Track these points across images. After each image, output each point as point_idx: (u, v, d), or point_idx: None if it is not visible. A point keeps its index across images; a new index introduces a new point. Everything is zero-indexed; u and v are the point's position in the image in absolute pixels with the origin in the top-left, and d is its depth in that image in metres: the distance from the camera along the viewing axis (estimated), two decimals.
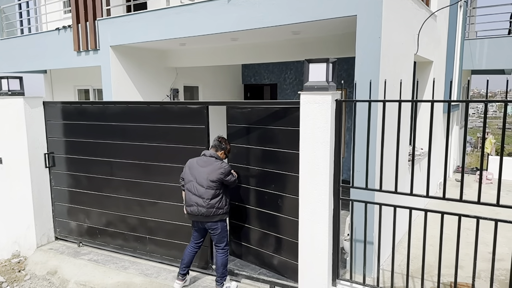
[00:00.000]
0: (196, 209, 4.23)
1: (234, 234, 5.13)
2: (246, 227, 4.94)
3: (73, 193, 5.90)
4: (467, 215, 3.15)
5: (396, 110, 3.34)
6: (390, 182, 3.96)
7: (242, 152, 4.80)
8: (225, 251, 4.41)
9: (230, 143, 4.62)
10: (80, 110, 5.65)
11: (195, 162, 4.35)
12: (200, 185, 4.22)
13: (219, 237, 4.35)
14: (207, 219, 4.25)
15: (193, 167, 4.32)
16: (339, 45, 6.32)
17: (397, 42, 4.93)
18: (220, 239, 4.37)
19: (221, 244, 4.38)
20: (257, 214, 4.76)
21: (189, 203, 4.29)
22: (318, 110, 3.57)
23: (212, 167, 4.23)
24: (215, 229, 4.31)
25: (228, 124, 4.91)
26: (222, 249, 4.39)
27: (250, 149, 4.73)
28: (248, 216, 4.87)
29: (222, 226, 4.34)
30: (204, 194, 4.19)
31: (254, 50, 7.39)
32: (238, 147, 4.81)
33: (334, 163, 3.69)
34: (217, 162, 4.29)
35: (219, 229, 4.32)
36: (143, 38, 6.68)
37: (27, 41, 8.66)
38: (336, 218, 3.76)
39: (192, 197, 4.26)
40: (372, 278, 4.43)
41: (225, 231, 4.40)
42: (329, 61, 3.41)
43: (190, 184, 4.30)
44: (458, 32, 8.69)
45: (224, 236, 4.39)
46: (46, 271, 5.43)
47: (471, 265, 3.32)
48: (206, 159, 4.31)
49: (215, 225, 4.29)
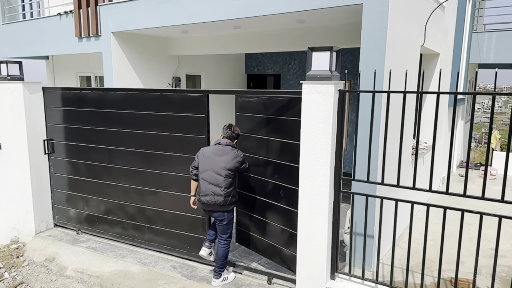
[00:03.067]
0: (213, 198, 4.21)
1: (239, 222, 5.13)
2: (250, 215, 4.93)
3: (72, 180, 5.87)
4: (470, 211, 3.08)
5: (401, 102, 3.24)
6: (392, 175, 3.89)
7: (248, 141, 4.79)
8: (227, 242, 4.41)
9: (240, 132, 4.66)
10: (80, 97, 5.58)
11: (210, 151, 4.30)
12: (218, 174, 4.19)
13: (224, 228, 4.35)
14: (222, 208, 4.24)
15: (209, 156, 4.27)
16: (345, 35, 6.20)
17: (404, 33, 4.81)
18: (224, 230, 4.36)
19: (224, 235, 4.38)
20: (261, 203, 4.74)
21: (205, 193, 4.25)
22: (321, 100, 3.48)
23: (229, 156, 4.23)
24: (223, 220, 4.31)
25: (237, 113, 4.89)
26: (225, 240, 4.38)
27: (256, 138, 4.69)
28: (253, 205, 4.86)
29: (229, 217, 4.34)
30: (222, 183, 4.19)
31: (258, 39, 7.27)
32: (244, 136, 4.80)
33: (335, 155, 3.62)
34: (233, 150, 4.29)
35: (226, 220, 4.32)
36: (145, 24, 6.57)
37: (29, 26, 8.57)
38: (336, 211, 3.70)
39: (208, 187, 4.23)
40: (371, 272, 4.38)
41: (231, 223, 4.40)
42: (333, 49, 3.32)
43: (206, 174, 4.25)
44: (466, 24, 8.51)
45: (229, 228, 4.38)
46: (44, 258, 5.42)
47: (472, 260, 3.27)
48: (223, 148, 4.29)
49: (223, 215, 4.29)
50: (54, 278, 5.03)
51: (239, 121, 4.85)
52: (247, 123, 4.76)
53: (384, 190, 3.85)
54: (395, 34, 4.39)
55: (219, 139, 4.39)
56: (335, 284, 3.76)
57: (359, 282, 3.76)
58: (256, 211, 4.85)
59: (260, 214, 4.80)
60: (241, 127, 4.76)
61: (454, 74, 7.69)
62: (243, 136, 4.74)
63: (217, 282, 4.40)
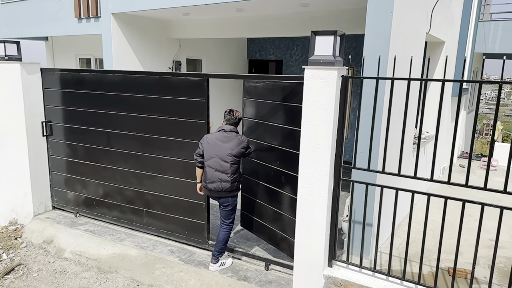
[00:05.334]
0: (220, 185, 4.22)
1: (244, 206, 5.15)
2: (254, 200, 4.94)
3: (70, 163, 5.83)
4: (471, 201, 3.04)
5: (403, 90, 3.17)
6: (392, 164, 3.84)
7: (253, 126, 4.77)
8: (229, 227, 4.43)
9: (243, 116, 4.75)
10: (78, 79, 5.50)
11: (214, 138, 4.28)
12: (224, 161, 4.19)
13: (228, 212, 4.37)
14: (228, 194, 4.27)
15: (213, 143, 4.25)
16: (349, 20, 6.08)
17: (409, 19, 4.69)
18: (228, 215, 4.38)
19: (227, 220, 4.40)
20: (264, 189, 4.74)
21: (212, 180, 4.25)
22: (323, 86, 3.40)
23: (234, 142, 4.23)
24: (228, 205, 4.34)
25: (244, 97, 4.85)
26: (227, 225, 4.41)
27: (260, 123, 4.66)
28: (256, 190, 4.86)
29: (233, 202, 4.37)
30: (229, 170, 4.20)
31: (261, 23, 7.14)
32: (248, 120, 4.78)
33: (336, 142, 3.56)
34: (238, 136, 4.29)
35: (231, 205, 4.35)
36: (146, 5, 6.45)
37: (28, 6, 8.42)
38: (336, 199, 3.66)
39: (215, 174, 4.23)
40: (369, 260, 4.37)
41: (234, 208, 4.42)
42: (337, 34, 3.23)
43: (212, 161, 4.24)
44: (473, 12, 8.34)
45: (232, 213, 4.41)
46: (42, 240, 5.42)
47: (470, 251, 3.25)
48: (228, 134, 4.28)
49: (228, 201, 4.31)
50: (52, 260, 5.03)
51: (246, 106, 4.82)
52: (254, 108, 4.71)
53: (384, 178, 3.80)
54: (400, 20, 4.28)
55: (223, 126, 4.36)
56: (333, 271, 3.75)
57: (356, 270, 3.75)
58: (259, 196, 4.85)
59: (262, 199, 4.80)
60: (248, 112, 4.72)
61: (459, 63, 7.58)
62: (250, 121, 4.71)
63: (215, 267, 4.40)
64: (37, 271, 4.78)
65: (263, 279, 4.26)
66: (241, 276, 4.31)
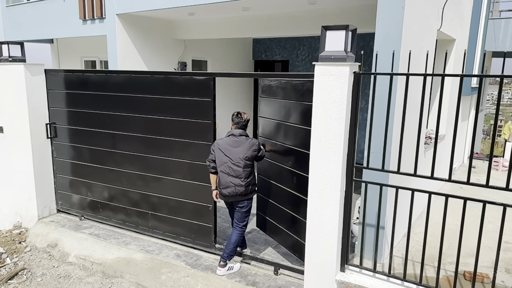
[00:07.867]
0: (234, 190, 4.16)
1: (259, 206, 5.04)
2: (267, 201, 4.84)
3: (75, 165, 5.74)
4: (493, 202, 2.89)
5: (415, 87, 3.03)
6: (405, 165, 3.70)
7: (267, 126, 4.67)
8: (242, 230, 4.36)
9: (259, 116, 4.71)
10: (83, 79, 5.41)
11: (225, 144, 4.21)
12: (237, 166, 4.13)
13: (242, 215, 4.31)
14: (243, 197, 4.21)
15: (224, 148, 4.18)
16: (358, 18, 5.94)
17: (421, 15, 4.56)
18: (242, 218, 4.32)
19: (241, 222, 4.33)
20: (277, 190, 4.62)
21: (226, 185, 4.18)
22: (334, 83, 3.28)
23: (245, 146, 4.16)
24: (242, 207, 4.27)
25: (260, 96, 4.74)
26: (240, 227, 4.34)
27: (274, 123, 4.53)
28: (270, 191, 4.75)
29: (248, 204, 4.30)
30: (242, 174, 4.14)
31: (267, 22, 7.03)
32: (264, 119, 4.68)
33: (348, 142, 3.43)
34: (248, 139, 4.22)
35: (246, 207, 4.28)
36: (151, 6, 6.37)
37: (32, 8, 8.40)
38: (348, 200, 3.52)
39: (228, 179, 4.16)
40: (381, 264, 4.23)
41: (249, 210, 4.34)
42: (349, 28, 3.10)
43: (224, 166, 4.17)
44: (483, 9, 8.17)
45: (246, 216, 4.34)
46: (46, 244, 5.32)
47: (486, 254, 3.09)
48: (237, 139, 4.20)
49: (243, 203, 4.25)
50: (56, 264, 4.93)
51: (262, 105, 4.72)
52: (269, 107, 4.59)
53: (396, 179, 3.66)
54: (412, 15, 4.15)
55: (232, 130, 4.29)
56: (345, 276, 3.61)
57: (370, 275, 3.60)
58: (272, 197, 4.74)
59: (276, 200, 4.68)
60: (263, 111, 4.65)
61: (469, 61, 7.41)
62: (264, 120, 4.63)
63: (222, 271, 4.28)
64: (41, 275, 4.68)
65: (272, 284, 4.12)
66: (249, 281, 4.17)
